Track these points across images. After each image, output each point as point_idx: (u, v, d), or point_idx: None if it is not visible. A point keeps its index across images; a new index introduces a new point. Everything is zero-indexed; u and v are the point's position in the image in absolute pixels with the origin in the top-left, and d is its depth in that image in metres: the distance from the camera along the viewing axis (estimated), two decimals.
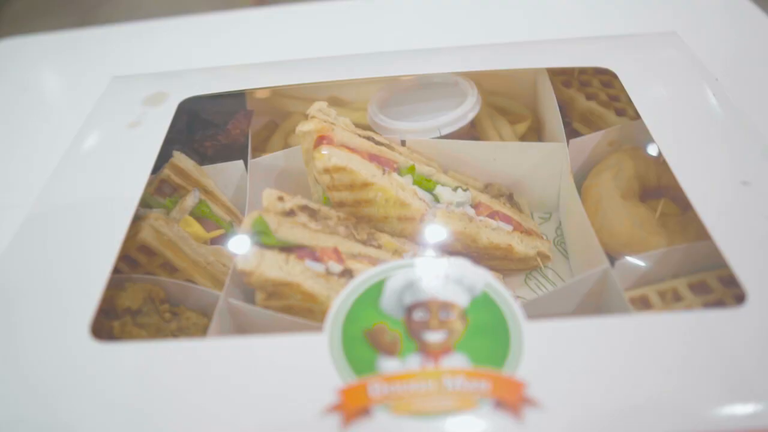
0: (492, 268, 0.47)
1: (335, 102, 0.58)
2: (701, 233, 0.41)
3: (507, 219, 0.48)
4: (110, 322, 0.38)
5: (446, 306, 0.33)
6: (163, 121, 0.48)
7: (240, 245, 0.40)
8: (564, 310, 0.41)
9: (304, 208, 0.42)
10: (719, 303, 0.37)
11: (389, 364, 0.31)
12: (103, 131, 0.47)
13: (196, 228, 0.44)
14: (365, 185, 0.43)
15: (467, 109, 0.51)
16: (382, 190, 0.44)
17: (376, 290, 0.34)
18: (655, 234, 0.42)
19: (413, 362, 0.31)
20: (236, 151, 0.52)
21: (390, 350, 0.31)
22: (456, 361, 0.31)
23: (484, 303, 0.33)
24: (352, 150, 0.45)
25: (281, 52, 0.59)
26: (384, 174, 0.45)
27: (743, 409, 0.29)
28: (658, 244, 0.41)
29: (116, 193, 0.41)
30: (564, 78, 0.55)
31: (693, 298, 0.38)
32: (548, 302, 0.40)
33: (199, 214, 0.46)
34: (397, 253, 0.44)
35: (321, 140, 0.45)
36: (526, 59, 0.52)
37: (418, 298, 0.34)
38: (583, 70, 0.55)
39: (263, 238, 0.39)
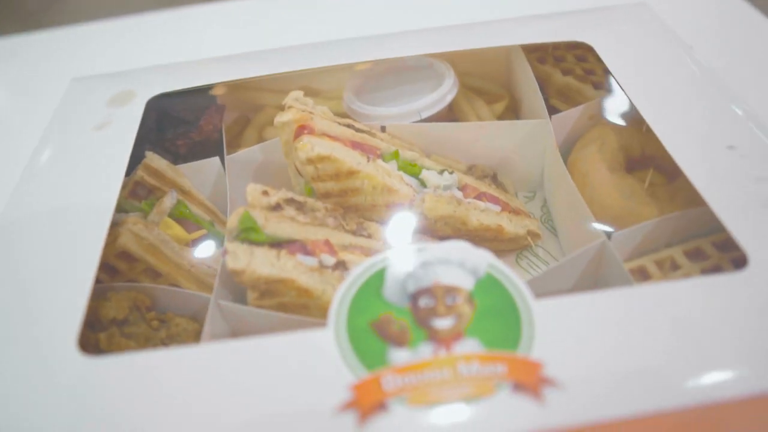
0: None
1: (307, 92, 0.56)
2: (691, 200, 0.41)
3: (494, 200, 0.47)
4: (95, 335, 0.35)
5: (451, 290, 0.32)
6: (132, 121, 0.45)
7: (225, 244, 0.38)
8: (563, 287, 0.41)
9: (290, 201, 0.41)
10: (717, 268, 0.38)
11: (400, 355, 0.30)
12: (68, 136, 0.44)
13: (177, 230, 0.42)
14: (351, 173, 0.42)
15: (445, 90, 0.50)
16: (368, 178, 0.42)
17: (377, 280, 0.33)
18: (646, 204, 0.42)
19: (425, 351, 0.30)
20: (210, 147, 0.50)
21: (399, 340, 0.30)
22: (468, 346, 0.30)
23: (489, 285, 0.33)
24: (334, 138, 0.44)
25: (244, 45, 0.57)
26: (369, 161, 0.43)
27: (753, 371, 0.29)
28: (649, 214, 0.41)
29: (90, 200, 0.39)
30: (538, 54, 0.55)
31: (690, 266, 0.38)
32: (548, 280, 0.40)
33: (178, 216, 0.43)
34: (387, 240, 0.43)
35: (301, 130, 0.43)
36: (500, 37, 0.52)
37: (421, 284, 0.33)
38: (556, 46, 0.55)
39: (252, 234, 0.37)
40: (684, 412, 0.27)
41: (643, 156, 0.47)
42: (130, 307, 0.37)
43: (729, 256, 0.38)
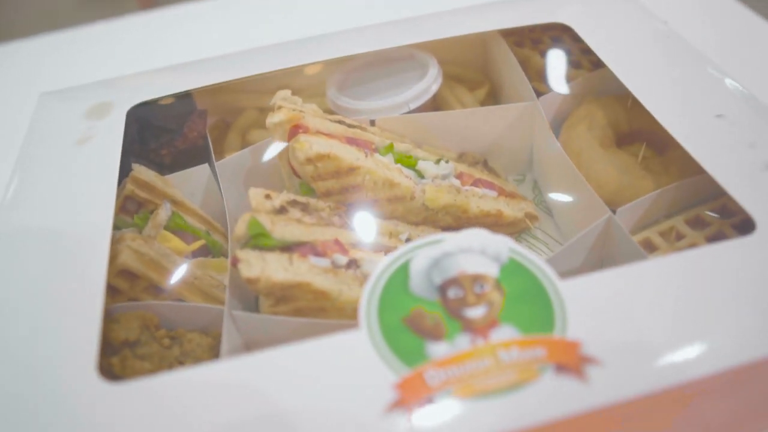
0: None
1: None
2: (684, 171, 0.42)
3: (490, 185, 0.48)
4: (108, 359, 0.34)
5: (478, 278, 0.32)
6: (115, 133, 0.43)
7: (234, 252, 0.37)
8: (574, 265, 0.41)
9: (294, 203, 0.40)
10: (720, 234, 0.39)
11: (438, 348, 0.29)
12: (49, 153, 0.42)
13: (175, 242, 0.41)
14: (351, 170, 0.41)
15: (431, 80, 0.50)
16: (369, 173, 0.42)
17: (401, 275, 0.33)
18: (642, 178, 0.43)
19: (463, 342, 0.30)
20: (195, 155, 0.48)
21: (435, 334, 0.30)
22: (505, 333, 0.30)
23: (514, 269, 0.33)
24: (330, 136, 0.43)
25: (218, 47, 0.55)
26: (367, 156, 0.43)
27: None
28: (647, 188, 0.42)
29: (84, 218, 0.37)
30: (515, 38, 0.55)
31: (694, 234, 0.39)
32: (560, 259, 0.40)
33: (175, 228, 0.42)
34: (393, 235, 0.43)
35: (296, 130, 0.42)
36: (478, 24, 0.52)
37: (447, 275, 0.32)
38: (532, 29, 0.55)
39: (262, 240, 0.36)
40: (724, 374, 0.28)
41: (630, 131, 0.48)
42: (140, 327, 0.35)
43: (729, 221, 0.39)
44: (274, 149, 0.45)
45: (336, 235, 0.39)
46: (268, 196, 0.39)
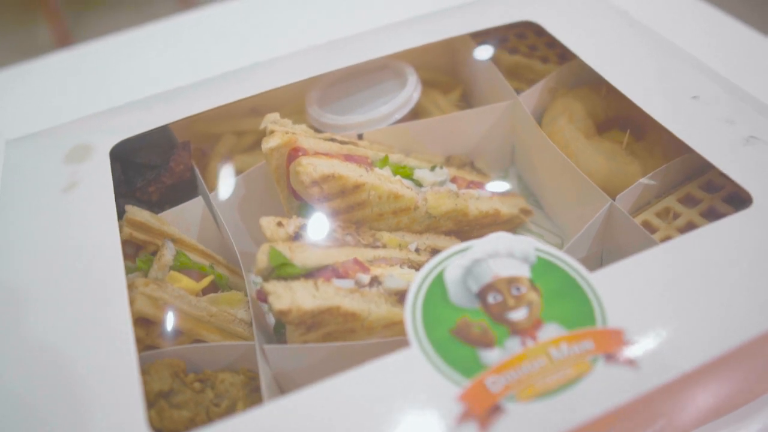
0: (481, 237, 0.48)
1: (259, 113, 0.54)
2: (667, 152, 0.45)
3: (482, 186, 0.49)
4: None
5: (513, 281, 0.33)
6: (102, 175, 0.41)
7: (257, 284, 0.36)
8: (581, 255, 0.42)
9: (306, 227, 0.39)
10: (712, 209, 0.41)
11: (491, 355, 0.30)
12: (31, 204, 0.40)
13: (186, 281, 0.39)
14: (357, 187, 0.41)
15: (412, 89, 0.50)
16: (374, 188, 0.42)
17: (437, 288, 0.33)
18: (630, 163, 0.45)
19: (513, 345, 0.30)
20: (182, 189, 0.47)
21: (485, 341, 0.30)
22: (551, 331, 0.31)
23: (544, 268, 0.34)
24: (328, 155, 0.43)
25: (187, 74, 0.54)
26: (368, 171, 0.43)
27: None
28: (635, 172, 0.44)
29: (92, 269, 0.35)
30: (481, 39, 0.56)
31: (689, 211, 0.41)
32: (571, 251, 0.41)
33: (180, 266, 0.41)
34: (402, 247, 0.43)
35: (296, 153, 0.42)
36: (450, 28, 0.52)
37: (483, 281, 0.33)
38: (497, 28, 0.57)
39: (286, 269, 0.36)
40: (757, 340, 0.30)
41: (607, 119, 0.50)
42: (171, 375, 0.34)
43: (718, 195, 0.42)
44: (272, 173, 0.44)
45: (353, 254, 0.39)
46: (280, 224, 0.39)
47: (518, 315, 0.31)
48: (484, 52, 0.55)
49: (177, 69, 0.68)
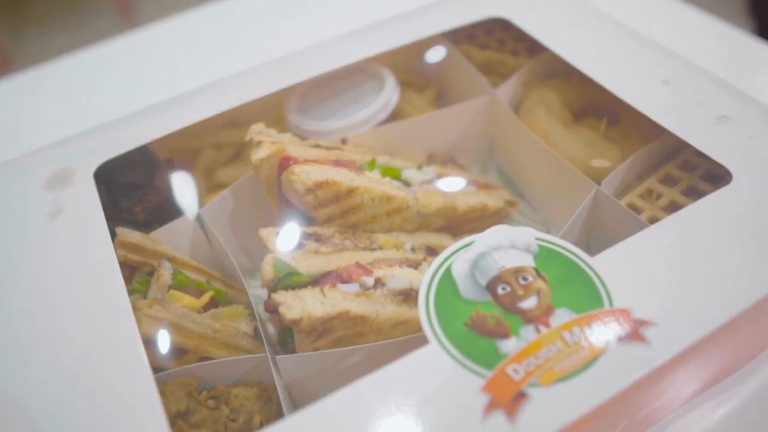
0: (471, 231, 0.49)
1: (235, 125, 0.54)
2: (643, 136, 0.47)
3: (467, 181, 0.49)
4: None
5: (518, 271, 0.34)
6: (89, 199, 0.40)
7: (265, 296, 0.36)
8: (571, 241, 0.44)
9: (306, 236, 0.39)
10: (692, 188, 0.43)
11: (508, 344, 0.31)
12: (17, 236, 0.39)
13: (187, 299, 0.39)
14: (350, 192, 0.42)
15: (391, 90, 0.51)
16: (366, 191, 0.42)
17: (447, 284, 0.34)
18: (609, 149, 0.46)
19: (529, 333, 0.31)
20: (169, 207, 0.46)
21: (500, 332, 0.31)
22: (562, 316, 0.32)
23: (547, 256, 0.35)
24: (318, 162, 0.43)
25: (164, 89, 0.53)
26: (359, 175, 0.43)
27: None
28: (615, 157, 0.46)
29: (96, 296, 0.35)
30: (451, 36, 0.57)
31: (670, 191, 0.43)
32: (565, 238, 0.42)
33: (178, 285, 0.40)
34: (398, 247, 0.43)
35: (287, 162, 0.42)
36: (422, 28, 0.53)
37: (489, 273, 0.34)
38: (464, 24, 0.58)
39: (293, 278, 0.36)
40: (754, 306, 0.32)
41: (581, 108, 0.51)
42: (186, 395, 0.34)
43: (696, 174, 0.44)
44: (262, 184, 0.44)
45: (354, 258, 0.39)
46: (279, 234, 0.38)
47: (529, 303, 0.32)
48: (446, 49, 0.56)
49: (145, 87, 0.67)
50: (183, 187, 0.48)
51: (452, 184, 0.48)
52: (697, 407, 0.37)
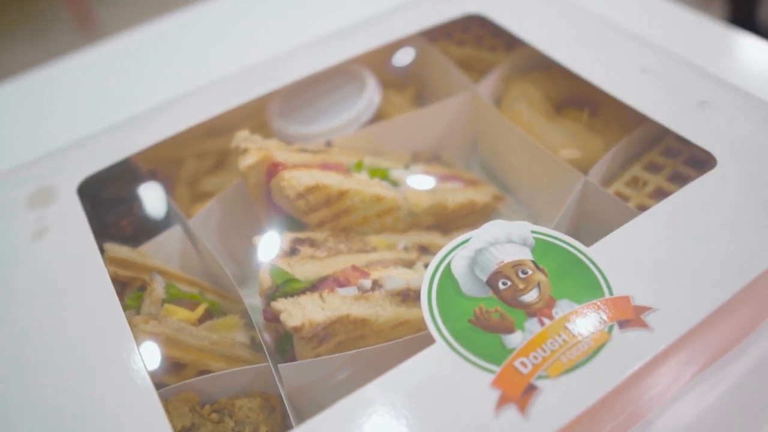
0: (460, 227, 0.49)
1: (218, 132, 0.53)
2: (624, 125, 0.47)
3: (454, 178, 0.50)
4: None
5: (517, 265, 0.34)
6: (74, 216, 0.39)
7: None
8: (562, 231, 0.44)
9: (300, 241, 0.39)
10: (676, 173, 0.44)
11: (514, 338, 0.31)
12: (3, 257, 0.37)
13: (182, 313, 0.38)
14: (341, 195, 0.41)
15: (372, 91, 0.51)
16: (357, 194, 0.42)
17: (447, 282, 0.34)
18: (592, 139, 0.47)
19: (533, 326, 0.31)
20: (155, 219, 0.45)
21: (505, 326, 0.31)
22: (564, 307, 0.32)
23: (544, 248, 0.35)
24: (307, 166, 0.42)
25: (141, 101, 0.52)
26: (348, 178, 0.43)
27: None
28: (598, 146, 0.46)
29: (91, 315, 0.34)
30: (428, 35, 0.57)
31: (655, 178, 0.44)
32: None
33: (172, 298, 0.39)
34: (391, 248, 0.43)
35: (275, 168, 0.41)
36: (401, 28, 0.53)
37: (489, 269, 0.34)
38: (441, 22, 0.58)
39: (291, 285, 0.35)
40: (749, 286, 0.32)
41: (561, 100, 0.52)
42: (189, 410, 0.33)
43: (679, 159, 0.45)
44: (250, 192, 0.43)
45: (349, 261, 0.39)
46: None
47: (530, 297, 0.33)
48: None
49: (121, 99, 0.65)
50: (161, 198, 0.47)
51: (440, 181, 0.48)
52: (695, 387, 0.37)
